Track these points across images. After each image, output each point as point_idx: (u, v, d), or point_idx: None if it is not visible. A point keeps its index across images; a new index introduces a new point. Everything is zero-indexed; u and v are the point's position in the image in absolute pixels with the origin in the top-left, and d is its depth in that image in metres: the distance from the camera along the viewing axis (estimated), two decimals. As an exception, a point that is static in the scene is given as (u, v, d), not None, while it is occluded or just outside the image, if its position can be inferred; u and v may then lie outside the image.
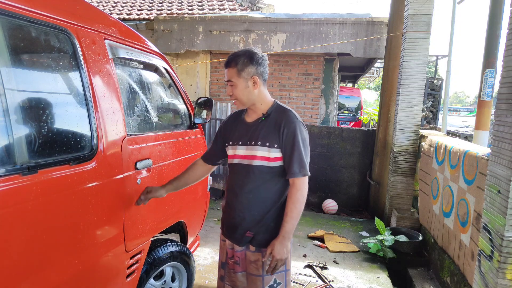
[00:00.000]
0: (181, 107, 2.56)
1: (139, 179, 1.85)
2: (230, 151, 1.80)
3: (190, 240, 2.59)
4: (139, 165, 1.84)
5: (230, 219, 1.80)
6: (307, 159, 1.68)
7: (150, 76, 2.36)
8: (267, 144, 1.66)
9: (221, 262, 1.88)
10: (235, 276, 1.80)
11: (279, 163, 1.68)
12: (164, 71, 2.39)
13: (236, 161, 1.77)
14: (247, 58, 1.66)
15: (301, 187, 1.65)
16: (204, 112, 2.51)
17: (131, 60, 2.03)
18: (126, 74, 2.03)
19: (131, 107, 2.01)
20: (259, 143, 1.68)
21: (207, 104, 2.50)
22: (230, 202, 1.80)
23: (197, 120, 2.51)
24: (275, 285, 1.72)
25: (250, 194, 1.71)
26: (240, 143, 1.75)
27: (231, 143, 1.80)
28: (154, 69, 2.34)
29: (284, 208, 1.66)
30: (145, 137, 1.98)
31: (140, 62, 2.13)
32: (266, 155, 1.66)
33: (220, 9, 7.64)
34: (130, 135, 1.82)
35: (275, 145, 1.66)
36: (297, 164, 1.63)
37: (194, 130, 2.61)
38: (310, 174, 1.68)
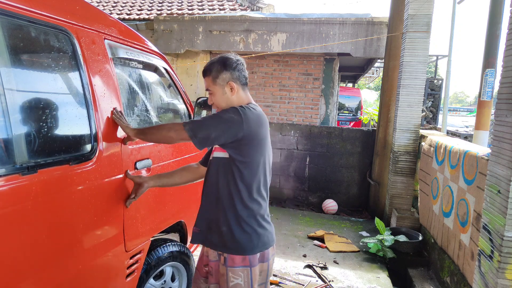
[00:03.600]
0: (181, 107, 2.56)
1: None
2: None
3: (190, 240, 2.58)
4: (138, 165, 1.85)
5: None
6: (205, 127, 1.58)
7: (150, 76, 2.36)
8: None
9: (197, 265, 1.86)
10: (205, 286, 1.76)
11: (231, 151, 1.60)
12: (164, 71, 2.39)
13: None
14: (220, 64, 1.64)
15: (173, 128, 1.62)
16: (204, 112, 2.51)
17: (131, 60, 2.03)
18: (126, 74, 2.03)
19: (131, 107, 2.01)
20: None
21: (207, 104, 2.49)
22: None
23: None
24: None
25: (208, 188, 1.71)
26: None
27: None
28: (154, 69, 2.34)
29: (241, 214, 1.61)
30: None
31: (140, 62, 2.13)
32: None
33: (220, 9, 7.64)
34: None
35: None
36: (195, 121, 1.64)
37: (194, 130, 2.60)
38: (191, 135, 1.58)
